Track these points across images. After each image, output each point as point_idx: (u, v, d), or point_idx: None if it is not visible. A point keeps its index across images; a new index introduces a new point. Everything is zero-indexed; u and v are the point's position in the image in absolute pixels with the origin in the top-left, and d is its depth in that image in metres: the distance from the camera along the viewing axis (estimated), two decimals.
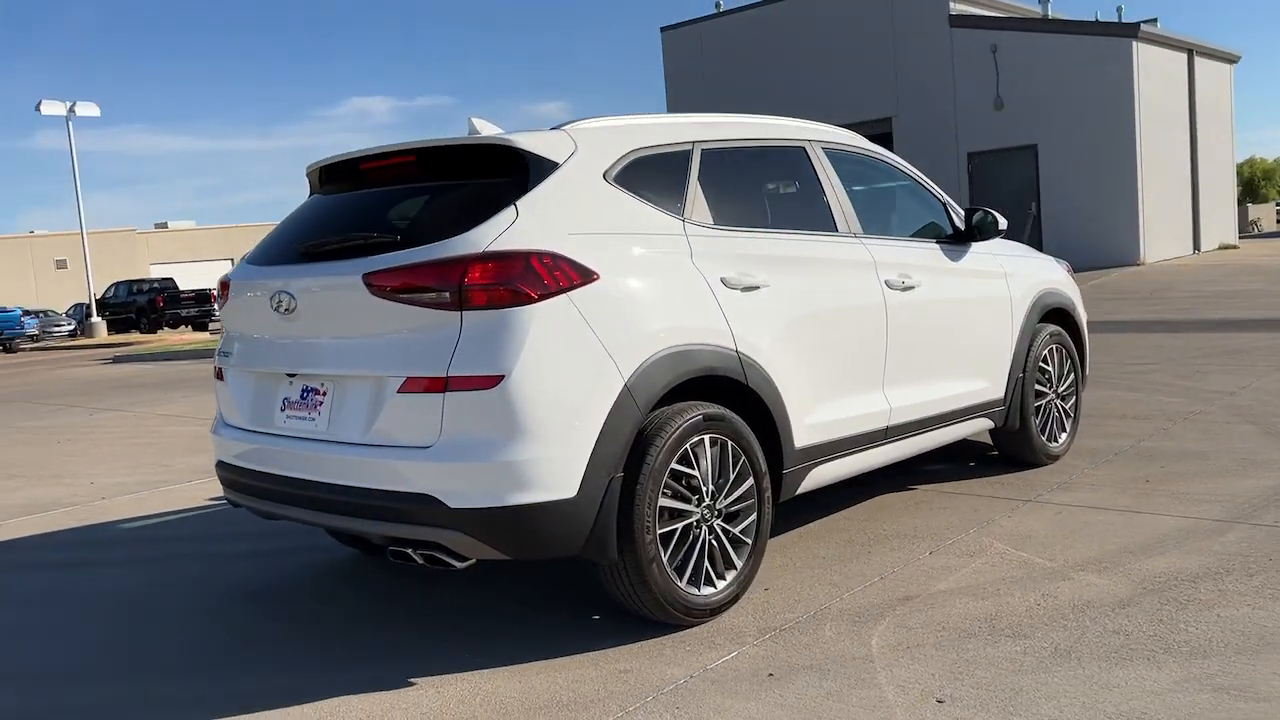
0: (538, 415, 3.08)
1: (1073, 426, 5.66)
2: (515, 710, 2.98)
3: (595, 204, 3.45)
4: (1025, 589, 3.67)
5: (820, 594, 3.77)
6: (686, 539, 3.47)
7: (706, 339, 3.50)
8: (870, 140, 4.92)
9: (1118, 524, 4.36)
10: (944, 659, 3.12)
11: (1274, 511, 4.36)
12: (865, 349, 4.23)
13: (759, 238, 3.91)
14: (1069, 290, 5.65)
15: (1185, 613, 3.35)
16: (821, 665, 3.14)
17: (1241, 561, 3.79)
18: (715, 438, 3.55)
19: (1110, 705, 2.75)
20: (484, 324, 3.09)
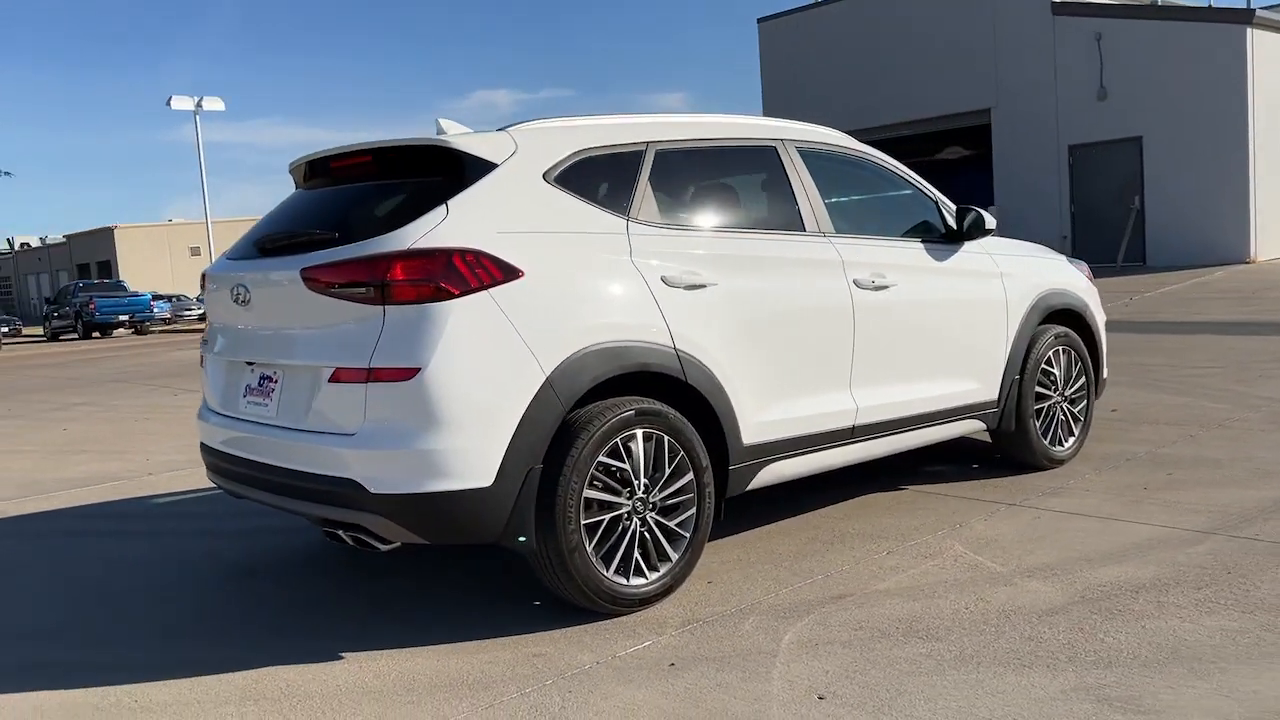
0: (453, 407, 3.22)
1: (1082, 431, 5.52)
2: (420, 686, 3.13)
3: (531, 203, 3.56)
4: (961, 593, 3.66)
5: (758, 589, 3.82)
6: (615, 530, 3.56)
7: (639, 336, 3.58)
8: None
9: (1091, 531, 4.28)
10: (846, 657, 3.15)
11: (1259, 524, 4.21)
12: (828, 348, 4.24)
13: (710, 237, 3.96)
14: (1080, 292, 5.52)
15: (1110, 623, 3.30)
16: (725, 658, 3.20)
17: (1197, 573, 3.69)
18: (650, 432, 3.62)
19: (984, 710, 2.75)
20: (405, 318, 3.25)
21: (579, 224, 3.62)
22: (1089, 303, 5.56)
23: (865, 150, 4.85)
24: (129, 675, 3.34)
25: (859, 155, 4.81)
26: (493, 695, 3.04)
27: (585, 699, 2.97)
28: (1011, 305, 5.05)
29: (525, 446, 3.31)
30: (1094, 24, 20.65)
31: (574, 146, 3.75)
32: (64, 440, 8.87)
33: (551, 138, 3.75)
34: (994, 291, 4.98)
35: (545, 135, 3.75)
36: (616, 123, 3.98)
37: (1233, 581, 3.59)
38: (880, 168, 4.89)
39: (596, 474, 3.49)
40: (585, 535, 3.46)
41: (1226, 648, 3.05)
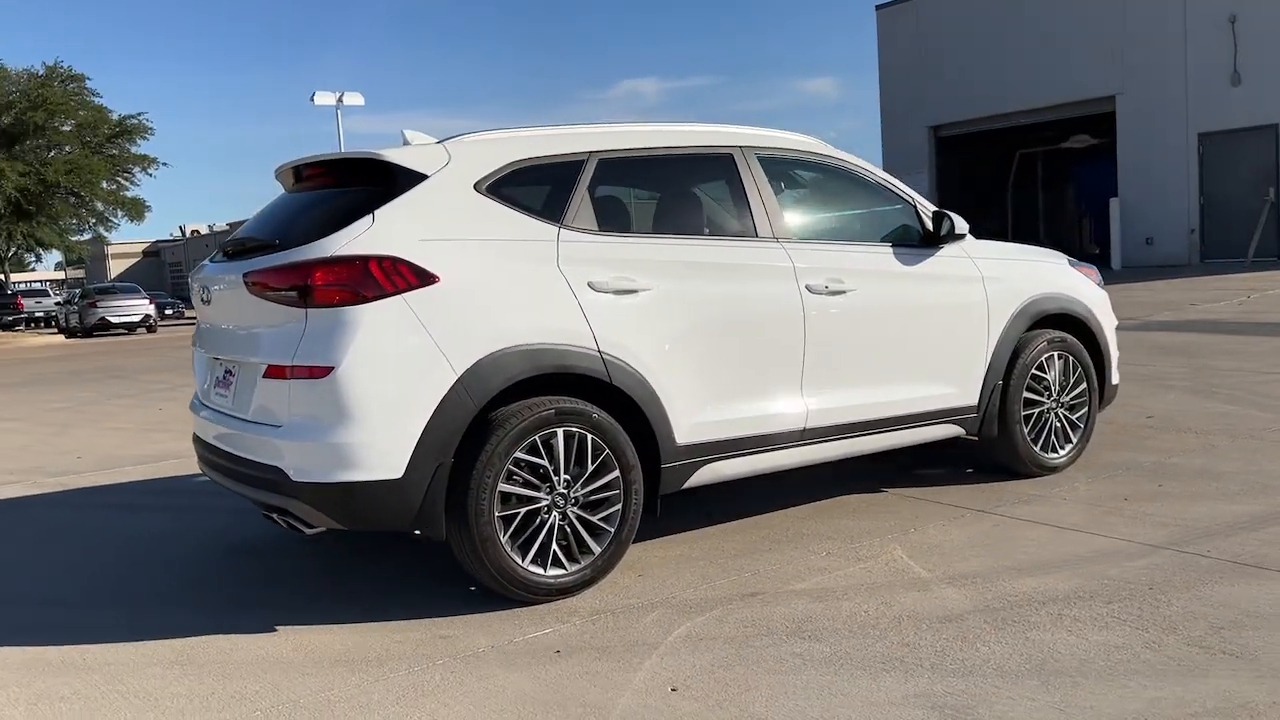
0: (364, 403, 3.47)
1: (1081, 439, 5.41)
2: (327, 659, 3.40)
3: (458, 212, 3.77)
4: (870, 596, 3.71)
5: (679, 585, 3.95)
6: (533, 522, 3.75)
7: (559, 339, 3.76)
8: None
9: (1041, 541, 4.24)
10: (721, 653, 3.27)
11: (1217, 540, 4.10)
12: (775, 352, 4.32)
13: (646, 243, 4.10)
14: (1081, 297, 5.40)
15: (998, 632, 3.31)
16: (610, 648, 3.37)
17: (1118, 587, 3.65)
18: (572, 431, 3.80)
19: (816, 711, 2.84)
20: (323, 320, 3.51)
21: (506, 231, 3.82)
22: (1092, 308, 5.44)
23: (841, 157, 4.89)
24: (90, 636, 3.72)
25: (833, 162, 4.85)
26: (383, 671, 3.28)
27: (461, 679, 3.18)
28: (994, 310, 5.00)
29: (435, 442, 3.54)
30: (1227, 5, 19.57)
31: (508, 157, 3.94)
32: (155, 420, 9.59)
33: (486, 149, 3.95)
34: (973, 296, 4.94)
35: (479, 147, 3.96)
36: (558, 133, 4.16)
37: (1148, 597, 3.54)
38: (856, 174, 4.91)
39: (514, 469, 3.69)
40: (499, 526, 3.66)
41: (1095, 663, 3.05)
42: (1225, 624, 3.27)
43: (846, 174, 4.92)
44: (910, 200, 4.94)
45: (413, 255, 3.59)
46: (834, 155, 4.87)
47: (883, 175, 4.97)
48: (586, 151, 4.11)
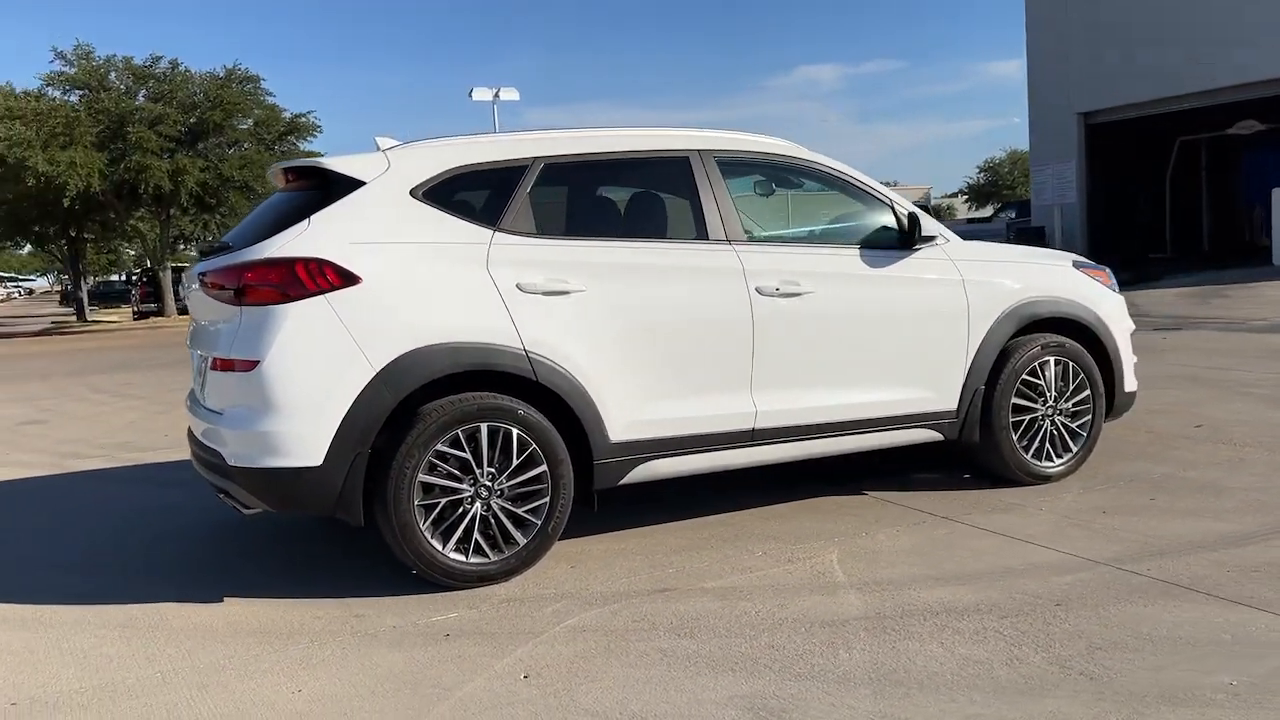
0: (285, 395, 3.74)
1: (1083, 448, 5.21)
2: (243, 630, 3.70)
3: (391, 217, 3.99)
4: (774, 597, 3.75)
5: (603, 578, 4.08)
6: (455, 511, 3.95)
7: (481, 337, 3.94)
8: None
9: (985, 551, 4.16)
10: (592, 644, 3.39)
11: (1164, 559, 3.93)
12: (720, 353, 4.37)
13: (583, 246, 4.21)
14: (1084, 300, 5.19)
15: (869, 640, 3.31)
16: (495, 634, 3.54)
17: (1027, 602, 3.57)
18: (497, 426, 3.97)
19: (638, 705, 2.94)
20: (254, 317, 3.81)
21: (438, 235, 4.02)
22: (1098, 312, 5.22)
23: (816, 160, 4.87)
24: (59, 598, 4.14)
25: (806, 165, 4.84)
26: (285, 644, 3.55)
27: (346, 656, 3.41)
28: (975, 313, 4.88)
29: (353, 433, 3.78)
30: None
31: (447, 164, 4.14)
32: None
33: (425, 156, 4.16)
34: (950, 299, 4.84)
35: (419, 154, 4.17)
36: (503, 140, 4.33)
37: (1047, 614, 3.45)
38: (831, 177, 4.88)
39: (436, 461, 3.89)
40: (419, 514, 3.87)
41: (943, 676, 3.02)
42: (1105, 644, 3.18)
43: (821, 177, 4.90)
44: (888, 202, 4.88)
45: (339, 257, 3.83)
46: (807, 158, 4.85)
47: (861, 178, 4.91)
48: (530, 157, 4.27)
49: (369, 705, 3.03)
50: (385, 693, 3.11)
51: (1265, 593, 3.53)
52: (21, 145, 29.08)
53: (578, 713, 2.91)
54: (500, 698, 3.03)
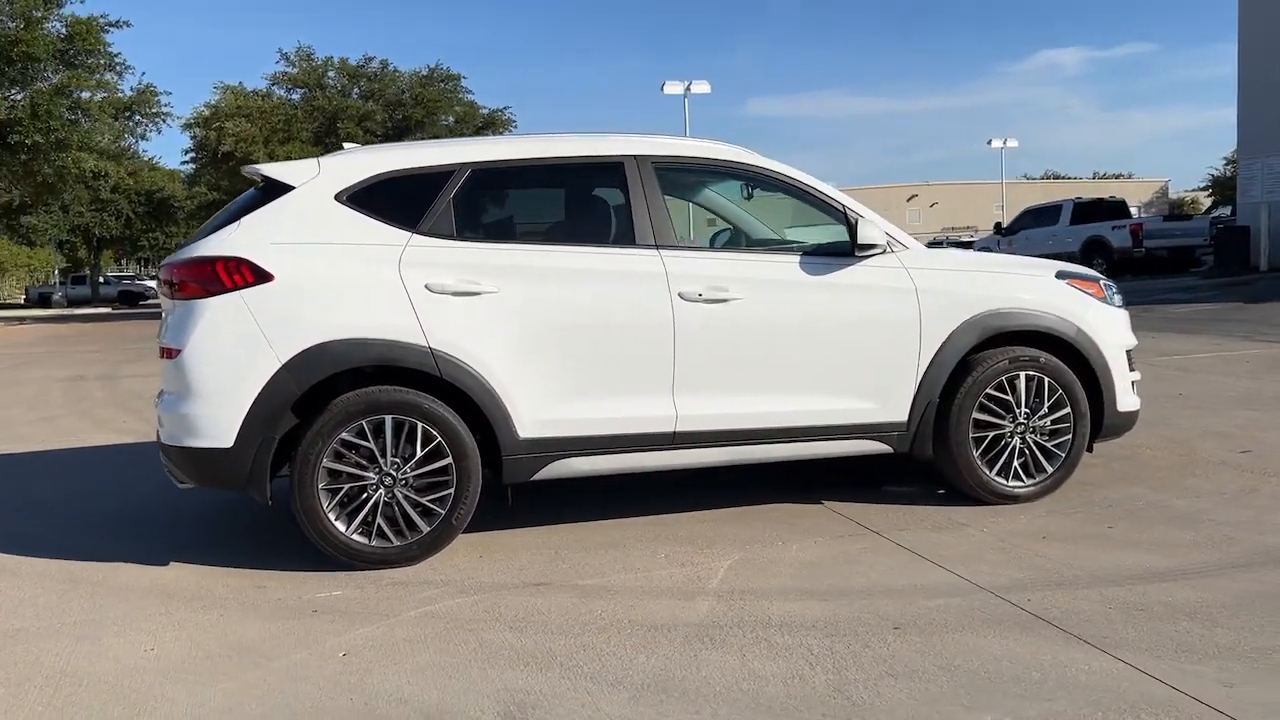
0: (201, 382, 4.12)
1: (1060, 468, 4.94)
2: (160, 591, 4.10)
3: (313, 219, 4.29)
4: (631, 599, 3.82)
5: (496, 569, 4.25)
6: (359, 497, 4.22)
7: (386, 334, 4.18)
8: None
9: (882, 569, 4.07)
10: (424, 630, 3.58)
11: (1058, 593, 3.74)
12: (638, 356, 4.44)
13: (498, 249, 4.38)
14: (1064, 313, 4.89)
15: (680, 647, 3.35)
16: (354, 613, 3.78)
17: (871, 623, 3.50)
18: (402, 419, 4.22)
19: (410, 690, 3.11)
20: (182, 310, 4.20)
21: (356, 237, 4.29)
22: (1082, 326, 4.92)
23: (766, 166, 4.83)
24: (51, 552, 4.69)
25: (752, 170, 4.82)
26: (181, 605, 3.92)
27: (215, 621, 3.74)
28: (929, 323, 4.72)
29: (260, 419, 4.11)
30: None
31: (372, 170, 4.40)
32: None
33: (354, 162, 4.44)
34: (899, 308, 4.70)
35: (348, 160, 4.46)
36: (433, 147, 4.56)
37: (878, 637, 3.38)
38: (783, 184, 4.84)
39: (341, 449, 4.18)
40: (323, 498, 4.17)
41: (712, 687, 3.05)
42: (902, 672, 3.10)
43: (772, 183, 4.87)
44: (839, 210, 4.78)
45: (258, 257, 4.17)
46: (755, 164, 4.83)
47: (814, 184, 4.84)
48: (458, 163, 4.47)
49: (193, 667, 3.34)
50: (216, 658, 3.41)
51: (1127, 634, 3.32)
52: (247, 141, 31.73)
53: (355, 691, 3.11)
54: (302, 671, 3.27)
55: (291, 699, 3.07)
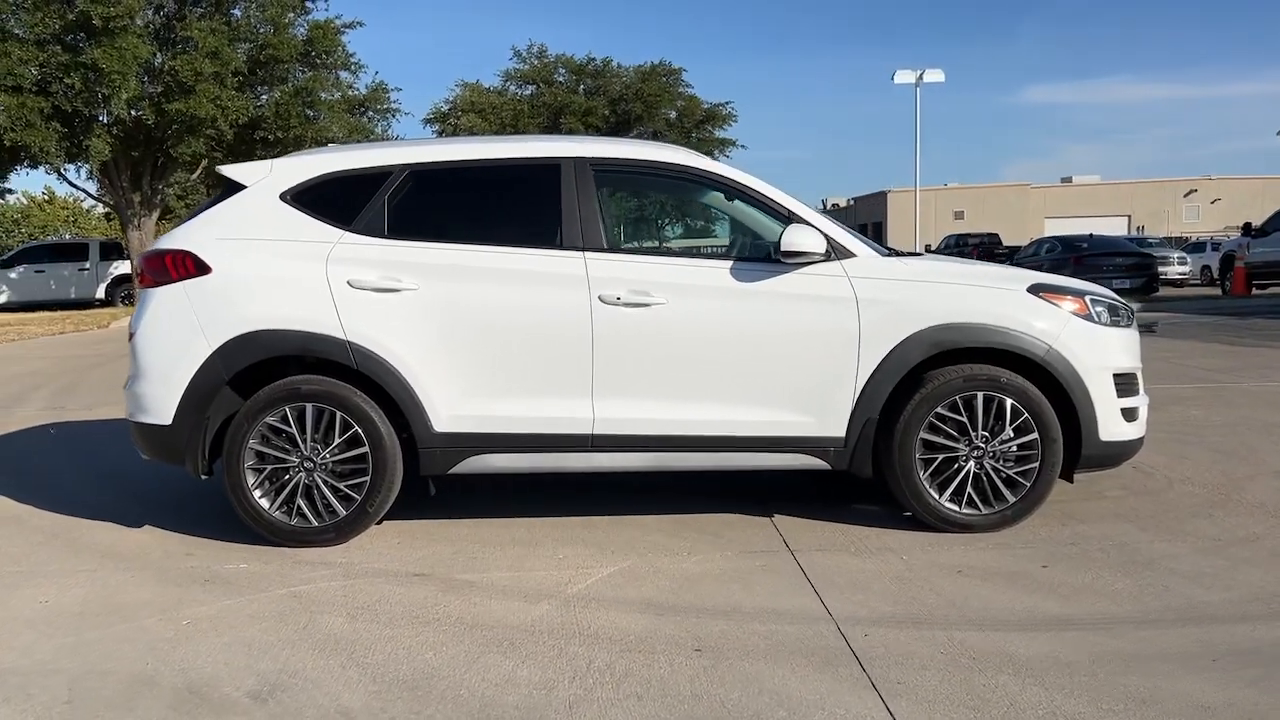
0: (147, 363, 4.52)
1: (1023, 499, 4.53)
2: (103, 551, 4.54)
3: (257, 217, 4.60)
4: (480, 596, 3.90)
5: (394, 557, 4.41)
6: (282, 478, 4.51)
7: (305, 326, 4.43)
8: None
9: (756, 588, 3.94)
10: (273, 609, 3.80)
11: (913, 630, 3.51)
12: (555, 358, 4.47)
13: (421, 248, 4.51)
14: (1030, 330, 4.47)
15: (465, 644, 3.41)
16: (238, 586, 4.06)
17: (679, 641, 3.43)
18: (321, 407, 4.47)
19: (209, 659, 3.34)
20: (141, 297, 4.63)
21: (291, 234, 4.56)
22: (1053, 344, 4.49)
23: (711, 169, 4.74)
24: (65, 508, 5.27)
25: (699, 174, 4.72)
26: (109, 564, 4.34)
27: (120, 582, 4.12)
28: (869, 336, 4.47)
29: (194, 400, 4.46)
30: None
31: (316, 171, 4.65)
32: None
33: (302, 163, 4.71)
34: (835, 319, 4.48)
35: (294, 161, 4.73)
36: (374, 149, 4.77)
37: (666, 656, 3.31)
38: (729, 188, 4.70)
39: (266, 432, 4.47)
40: (249, 475, 4.48)
41: (462, 686, 3.09)
42: (650, 695, 3.04)
43: (720, 187, 4.75)
44: (786, 214, 4.60)
45: (201, 250, 4.52)
46: (697, 166, 4.72)
47: (762, 190, 4.67)
48: (396, 165, 4.65)
49: (61, 621, 3.70)
50: (86, 615, 3.77)
51: (928, 683, 3.09)
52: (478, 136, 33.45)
53: (156, 658, 3.36)
54: (135, 635, 3.56)
55: (99, 660, 3.36)
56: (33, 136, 21.26)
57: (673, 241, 9.04)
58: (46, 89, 21.95)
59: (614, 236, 4.68)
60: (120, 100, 21.61)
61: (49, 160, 22.83)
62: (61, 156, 22.97)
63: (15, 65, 20.95)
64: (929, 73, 39.55)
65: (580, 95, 35.36)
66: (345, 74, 26.34)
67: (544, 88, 35.37)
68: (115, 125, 23.48)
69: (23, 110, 21.08)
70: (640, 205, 6.21)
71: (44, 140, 21.51)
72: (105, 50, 20.78)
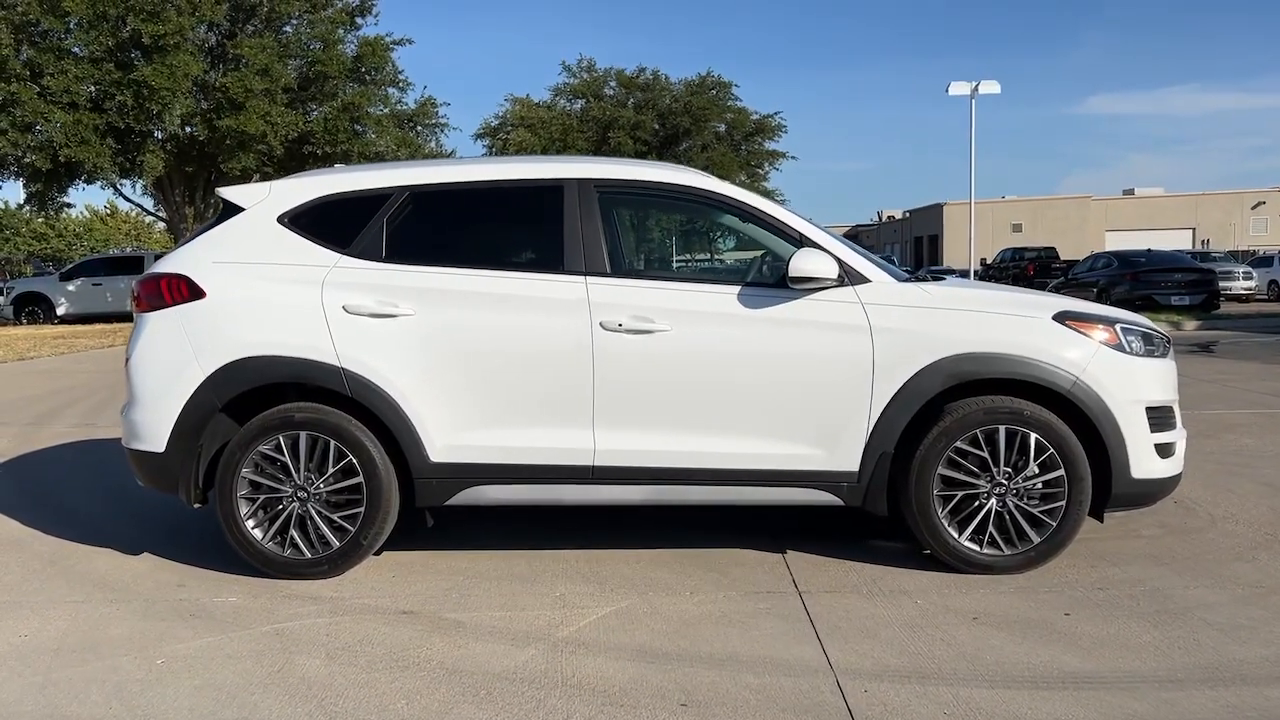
0: (140, 389, 4.43)
1: (1048, 539, 4.27)
2: (96, 581, 4.45)
3: (254, 240, 4.49)
4: (460, 639, 3.74)
5: (384, 592, 4.27)
6: (275, 508, 4.39)
7: (299, 353, 4.31)
8: None
9: (756, 634, 3.74)
10: (250, 647, 3.67)
11: (915, 686, 3.28)
12: (555, 386, 4.30)
13: (419, 272, 4.37)
14: (1054, 361, 4.21)
15: (440, 697, 3.25)
16: (218, 621, 3.94)
17: (665, 692, 3.24)
18: (314, 435, 4.35)
19: (164, 700, 3.21)
20: (136, 321, 4.55)
21: (287, 257, 4.45)
22: (1080, 376, 4.23)
23: (721, 191, 4.52)
24: (69, 533, 5.21)
25: (709, 196, 4.53)
26: (100, 595, 4.24)
27: (104, 615, 4.02)
28: (883, 365, 4.25)
29: (187, 428, 4.36)
30: None
31: (314, 193, 4.54)
32: None
33: (296, 185, 4.60)
34: (848, 347, 4.26)
35: (293, 184, 4.62)
36: (374, 170, 4.63)
37: (649, 711, 3.12)
38: (741, 211, 4.50)
39: (259, 461, 4.36)
40: (241, 505, 4.36)
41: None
42: None
43: (730, 210, 4.56)
44: (798, 238, 4.40)
45: (196, 274, 4.43)
46: (712, 190, 4.53)
47: (775, 213, 4.47)
48: (395, 187, 4.53)
49: (33, 658, 3.60)
50: (62, 651, 3.67)
51: None
52: (527, 150, 33.61)
53: (120, 703, 3.24)
54: (104, 676, 3.44)
55: (64, 702, 3.25)
56: (87, 153, 21.68)
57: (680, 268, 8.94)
58: (100, 106, 22.37)
59: (617, 260, 4.50)
60: (172, 116, 21.96)
61: (103, 176, 23.27)
62: (115, 172, 23.40)
63: (71, 82, 21.37)
64: (984, 84, 38.84)
65: (629, 109, 35.28)
66: (393, 90, 26.50)
67: (593, 102, 35.35)
68: (168, 141, 23.87)
69: (78, 127, 21.52)
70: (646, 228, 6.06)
71: (98, 156, 21.92)
72: (156, 68, 21.13)
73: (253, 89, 22.49)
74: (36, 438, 8.18)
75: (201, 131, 23.62)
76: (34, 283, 27.93)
